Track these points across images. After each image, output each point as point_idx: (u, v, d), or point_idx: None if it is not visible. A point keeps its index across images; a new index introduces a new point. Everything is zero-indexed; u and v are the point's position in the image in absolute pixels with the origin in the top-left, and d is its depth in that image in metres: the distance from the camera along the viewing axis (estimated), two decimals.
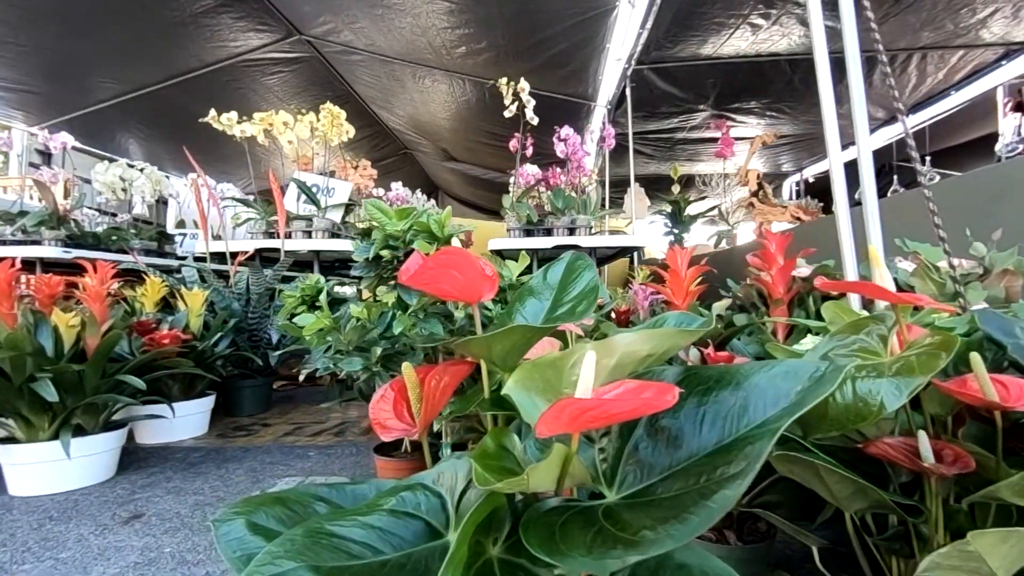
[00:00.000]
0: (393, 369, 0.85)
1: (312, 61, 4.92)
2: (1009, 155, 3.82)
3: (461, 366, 0.56)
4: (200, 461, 1.58)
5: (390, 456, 1.21)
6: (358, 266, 0.81)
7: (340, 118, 2.71)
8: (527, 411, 0.41)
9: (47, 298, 1.57)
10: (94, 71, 4.46)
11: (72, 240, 2.98)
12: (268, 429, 1.95)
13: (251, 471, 1.48)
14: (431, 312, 0.83)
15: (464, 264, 0.45)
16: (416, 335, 0.79)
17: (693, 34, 3.22)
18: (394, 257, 0.77)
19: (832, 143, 1.24)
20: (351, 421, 2.05)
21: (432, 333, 0.80)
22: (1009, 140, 3.88)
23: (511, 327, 0.46)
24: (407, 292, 0.76)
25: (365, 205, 0.77)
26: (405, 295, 0.75)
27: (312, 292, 1.28)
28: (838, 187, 1.21)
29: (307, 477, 1.42)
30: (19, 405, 1.33)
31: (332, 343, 0.82)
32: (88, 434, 1.40)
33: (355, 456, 1.60)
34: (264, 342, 2.18)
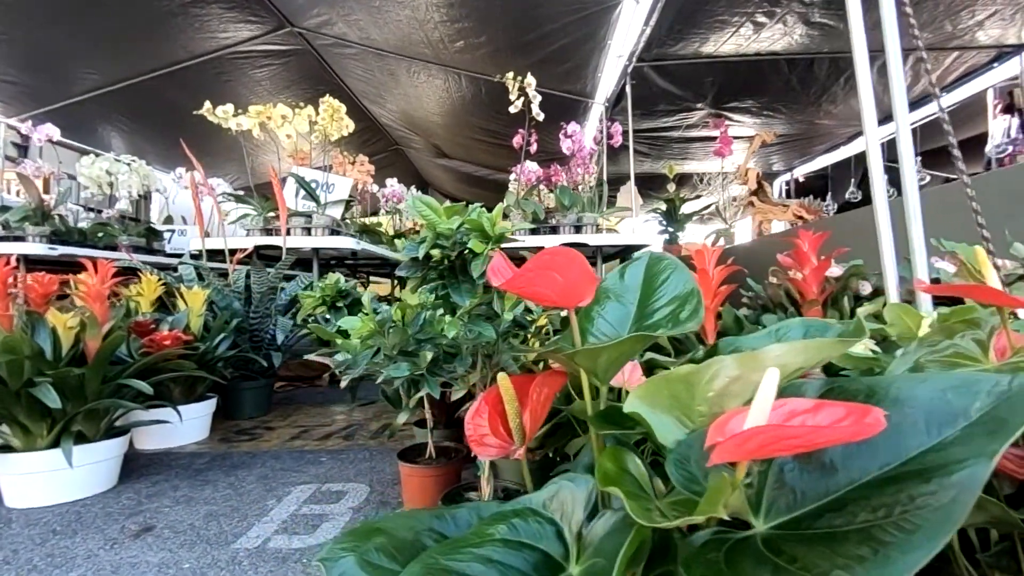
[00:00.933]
0: (439, 374, 0.80)
1: (303, 54, 4.81)
2: (999, 156, 3.89)
3: (557, 377, 0.52)
4: (206, 468, 1.52)
5: (415, 463, 1.16)
6: (403, 266, 0.76)
7: (340, 112, 2.64)
8: (662, 432, 0.37)
9: (40, 298, 1.49)
10: (76, 61, 4.30)
11: (57, 236, 2.86)
12: (273, 433, 1.89)
13: (262, 478, 1.42)
14: (475, 314, 0.79)
15: (567, 265, 0.41)
16: (463, 338, 0.74)
17: (696, 31, 3.20)
18: (444, 256, 0.73)
19: (871, 132, 1.21)
20: (358, 424, 1.99)
21: (479, 334, 0.75)
22: (999, 141, 3.95)
23: (633, 336, 0.42)
24: (461, 293, 0.71)
25: (412, 202, 0.72)
26: (458, 296, 0.71)
27: (332, 292, 1.22)
28: (877, 182, 1.18)
29: (323, 484, 1.37)
30: (16, 412, 1.25)
31: (378, 347, 0.77)
32: (89, 441, 1.33)
33: (369, 461, 1.55)
34: (266, 342, 2.11)
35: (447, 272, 0.74)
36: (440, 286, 0.75)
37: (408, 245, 0.73)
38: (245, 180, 6.68)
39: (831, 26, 3.11)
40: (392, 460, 1.55)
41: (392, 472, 1.45)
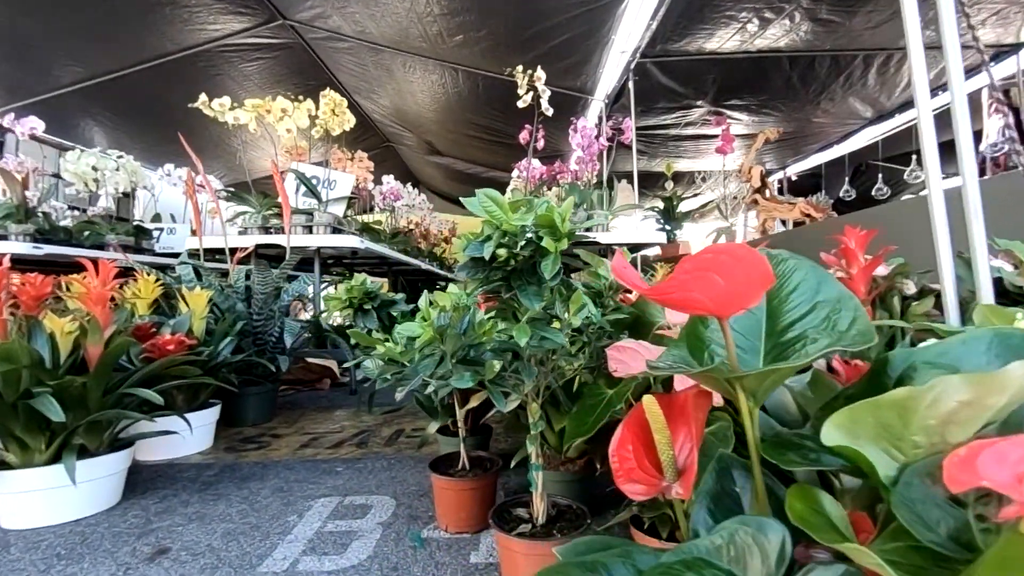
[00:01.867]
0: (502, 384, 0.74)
1: (295, 48, 4.69)
2: (995, 155, 3.92)
3: (704, 399, 0.45)
4: (215, 480, 1.43)
5: (449, 475, 1.09)
6: (463, 267, 0.69)
7: (342, 106, 2.55)
8: (882, 466, 0.32)
9: (33, 300, 1.39)
10: (57, 53, 4.13)
11: (41, 235, 2.73)
12: (280, 440, 1.80)
13: (277, 491, 1.34)
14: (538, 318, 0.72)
15: (732, 266, 0.35)
16: (532, 346, 0.68)
17: (702, 27, 3.17)
18: (511, 256, 0.66)
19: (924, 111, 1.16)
20: (369, 430, 1.92)
21: (545, 339, 0.69)
22: (995, 140, 3.99)
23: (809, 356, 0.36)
24: (529, 296, 0.65)
25: (478, 195, 0.66)
26: (527, 299, 0.64)
27: (359, 294, 1.15)
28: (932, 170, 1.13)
29: (344, 497, 1.29)
30: (12, 425, 1.15)
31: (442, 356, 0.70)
32: (92, 455, 1.24)
33: (388, 470, 1.48)
34: (270, 345, 2.01)
35: (514, 274, 0.68)
36: (504, 288, 0.68)
37: (471, 244, 0.66)
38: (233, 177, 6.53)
39: (836, 22, 3.09)
40: (414, 469, 1.48)
41: (416, 482, 1.37)
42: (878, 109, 4.64)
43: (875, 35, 3.30)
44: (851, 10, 2.93)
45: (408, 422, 2.02)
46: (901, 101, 4.42)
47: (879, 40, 3.39)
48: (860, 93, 4.24)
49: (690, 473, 0.39)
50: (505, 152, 6.63)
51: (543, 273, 0.63)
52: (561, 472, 1.11)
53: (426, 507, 1.22)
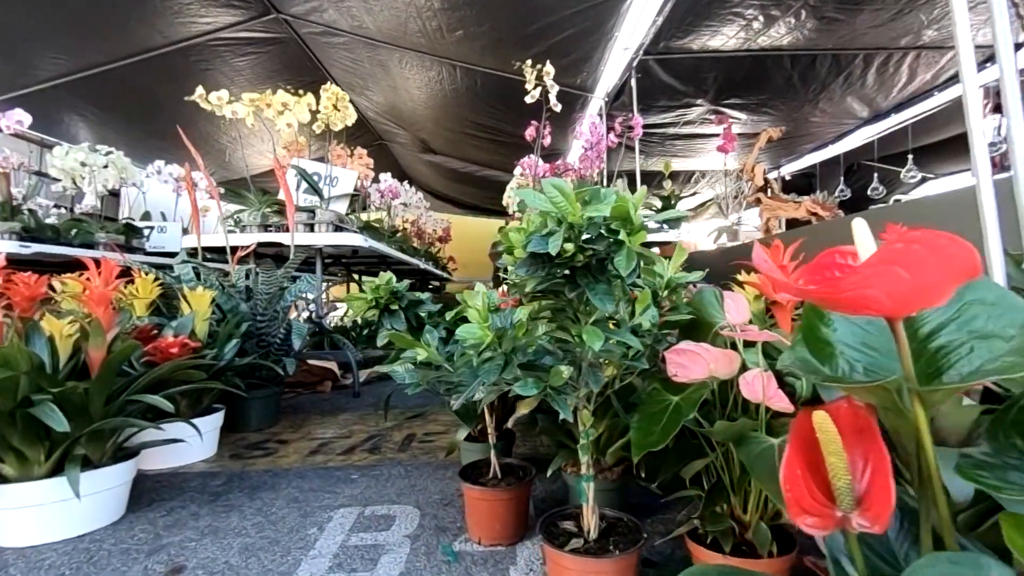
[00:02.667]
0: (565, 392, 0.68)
1: (288, 42, 4.59)
2: (995, 152, 3.96)
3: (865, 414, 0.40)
4: (224, 490, 1.36)
5: (481, 484, 1.04)
6: (521, 264, 0.64)
7: (344, 100, 2.47)
8: None
9: (27, 301, 1.31)
10: (41, 45, 3.99)
11: (27, 233, 2.62)
12: (288, 447, 1.73)
13: (292, 501, 1.27)
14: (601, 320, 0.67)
15: (926, 257, 0.30)
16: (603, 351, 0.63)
17: (707, 24, 3.14)
18: (578, 250, 0.61)
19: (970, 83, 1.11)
20: (380, 434, 1.85)
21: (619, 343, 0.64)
22: (992, 139, 4.02)
23: None
24: (599, 296, 0.59)
25: (544, 186, 0.60)
26: (598, 300, 0.59)
27: (385, 294, 1.09)
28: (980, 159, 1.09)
29: (364, 507, 1.23)
30: (10, 435, 1.07)
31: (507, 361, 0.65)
32: (95, 466, 1.16)
33: (406, 478, 1.41)
34: (274, 347, 1.94)
35: (579, 271, 0.62)
36: (569, 287, 0.63)
37: (534, 239, 0.60)
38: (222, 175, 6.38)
39: (841, 20, 3.08)
40: (433, 476, 1.42)
41: (438, 490, 1.31)
42: (874, 109, 4.67)
43: (878, 34, 3.30)
44: (857, 8, 2.92)
45: (419, 426, 1.96)
46: (898, 101, 4.44)
47: (881, 39, 3.40)
48: (858, 93, 4.25)
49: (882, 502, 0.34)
50: (501, 150, 6.58)
51: (619, 269, 0.58)
52: (598, 480, 1.05)
53: (452, 517, 1.16)
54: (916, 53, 3.70)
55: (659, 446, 0.64)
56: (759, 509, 0.77)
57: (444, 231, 6.99)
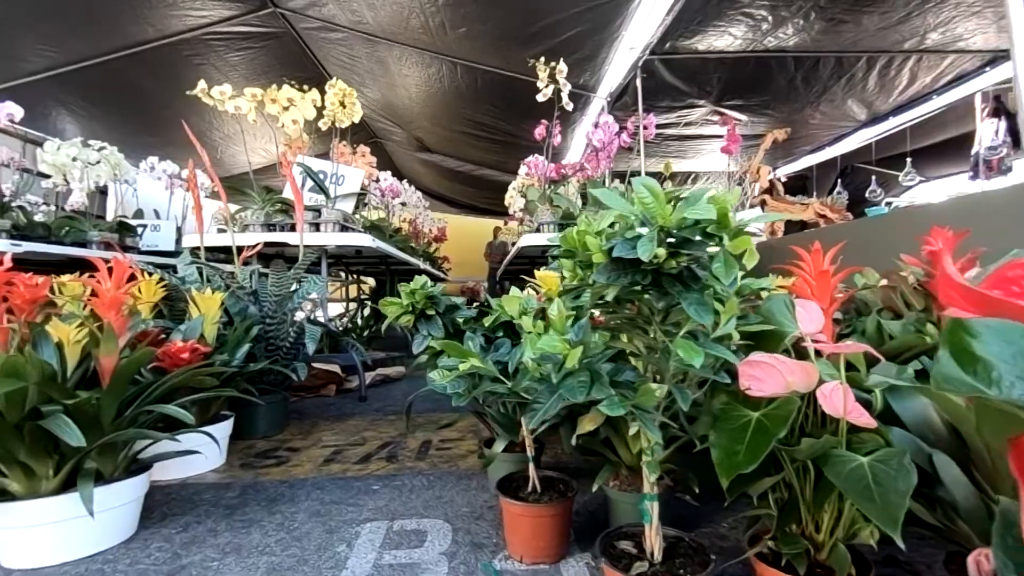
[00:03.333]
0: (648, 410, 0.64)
1: (284, 37, 4.50)
2: (994, 155, 3.99)
3: None
4: (239, 503, 1.29)
5: (522, 499, 0.99)
6: (601, 270, 0.59)
7: (352, 96, 2.41)
8: None
9: (27, 305, 1.23)
10: (26, 36, 3.85)
11: (18, 231, 2.52)
12: (300, 455, 1.66)
13: (314, 515, 1.21)
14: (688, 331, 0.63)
15: None
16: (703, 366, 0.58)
17: (716, 24, 3.12)
18: (669, 255, 0.56)
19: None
20: (394, 441, 1.79)
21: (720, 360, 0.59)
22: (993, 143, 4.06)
23: None
24: (694, 305, 0.55)
25: (636, 184, 0.56)
26: (694, 310, 0.54)
27: (421, 299, 1.03)
28: None
29: (392, 521, 1.17)
30: (16, 449, 1.00)
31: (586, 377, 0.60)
32: (107, 481, 1.09)
33: (431, 489, 1.36)
34: (283, 351, 1.87)
35: (666, 278, 0.58)
36: (656, 296, 0.58)
37: (619, 244, 0.56)
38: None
39: (848, 22, 3.08)
40: (457, 487, 1.37)
41: (465, 502, 1.26)
42: (872, 112, 4.69)
43: (883, 36, 3.31)
44: (867, 10, 2.92)
45: (432, 433, 1.91)
46: (897, 104, 4.46)
47: (885, 42, 3.40)
48: (859, 95, 4.26)
49: None
50: (499, 150, 6.53)
51: (718, 277, 0.53)
52: (635, 494, 1.01)
53: (486, 532, 1.11)
54: (918, 56, 3.71)
55: (749, 467, 0.60)
56: (835, 529, 0.73)
57: (440, 231, 6.92)
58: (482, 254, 9.55)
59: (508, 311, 1.01)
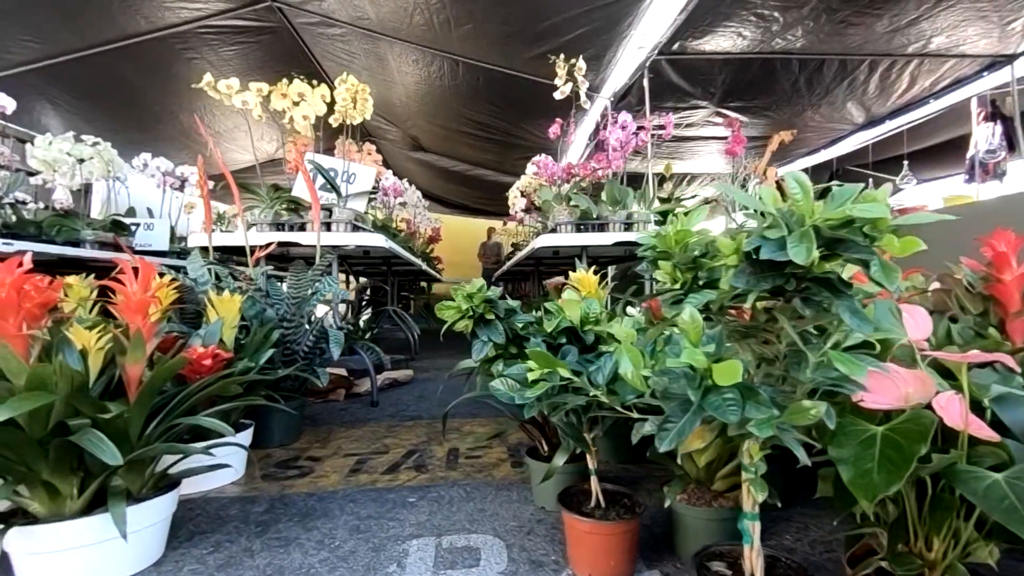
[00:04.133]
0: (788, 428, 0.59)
1: (280, 32, 4.40)
2: (992, 159, 4.05)
3: None
4: (270, 519, 1.22)
5: (587, 515, 0.94)
6: (739, 273, 0.54)
7: (365, 92, 2.33)
8: None
9: (38, 308, 1.14)
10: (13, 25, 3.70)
11: (8, 230, 2.39)
12: (322, 464, 1.59)
13: (354, 531, 1.15)
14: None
15: None
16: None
17: (727, 24, 3.11)
18: (824, 258, 0.52)
19: None
20: (418, 449, 1.72)
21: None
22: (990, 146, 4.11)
23: None
24: (851, 314, 0.50)
25: (789, 179, 0.51)
26: (854, 319, 0.50)
27: (480, 303, 0.97)
28: None
29: (439, 537, 1.11)
30: (39, 467, 0.92)
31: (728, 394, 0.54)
32: (135, 500, 1.01)
33: (470, 500, 1.30)
34: (300, 355, 1.79)
35: (814, 283, 0.53)
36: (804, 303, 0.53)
37: (766, 245, 0.51)
38: None
39: (857, 24, 3.08)
40: (497, 498, 1.31)
41: (511, 515, 1.20)
42: (870, 115, 4.74)
43: (890, 39, 3.33)
44: (877, 12, 2.93)
45: (456, 439, 1.84)
46: (895, 107, 4.51)
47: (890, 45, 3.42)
48: (859, 98, 4.30)
49: None
50: (495, 149, 6.47)
51: (882, 282, 0.49)
52: (713, 509, 0.96)
53: (543, 548, 1.05)
54: (920, 60, 3.75)
55: (890, 489, 0.55)
56: (950, 547, 0.69)
57: (435, 231, 6.85)
58: (475, 255, 9.49)
59: (569, 315, 0.96)
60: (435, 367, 3.51)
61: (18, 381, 0.91)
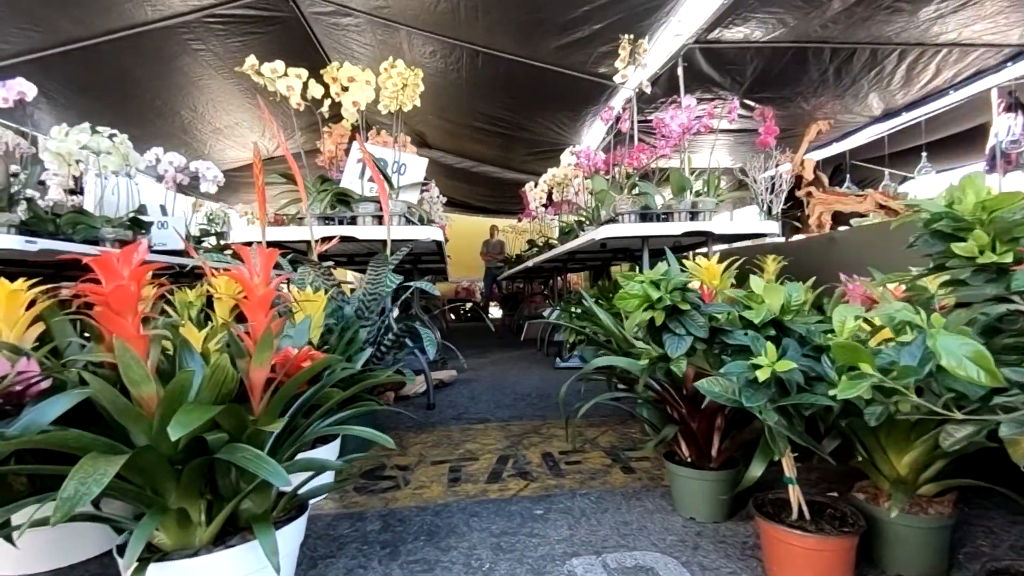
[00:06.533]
0: None
1: (290, 23, 4.23)
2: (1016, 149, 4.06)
3: None
4: (393, 538, 1.08)
5: (805, 529, 0.83)
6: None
7: (417, 78, 2.19)
8: None
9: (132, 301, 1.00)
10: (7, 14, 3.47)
11: (26, 227, 2.21)
12: (411, 474, 1.46)
13: (496, 549, 1.02)
14: None
15: None
16: None
17: (772, 10, 3.03)
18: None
19: None
20: (509, 454, 1.60)
21: None
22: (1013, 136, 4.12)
23: None
24: None
25: None
26: None
27: (670, 292, 0.86)
28: None
29: (599, 555, 0.99)
30: (167, 491, 0.78)
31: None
32: None
33: (605, 512, 1.18)
34: (375, 356, 1.65)
35: None
36: None
37: None
38: None
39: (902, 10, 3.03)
40: (630, 508, 1.20)
41: (663, 528, 1.09)
42: (889, 106, 4.73)
43: (928, 28, 3.29)
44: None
45: (541, 442, 1.72)
46: (917, 97, 4.50)
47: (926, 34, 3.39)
48: (884, 89, 4.28)
49: None
50: (504, 144, 6.34)
51: None
52: (930, 517, 0.86)
53: (725, 565, 0.94)
54: (948, 50, 3.73)
55: None
56: None
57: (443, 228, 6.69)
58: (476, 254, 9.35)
59: (771, 303, 0.85)
60: (470, 366, 3.38)
61: (139, 391, 0.77)
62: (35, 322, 1.08)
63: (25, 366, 0.93)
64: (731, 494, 1.09)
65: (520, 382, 2.81)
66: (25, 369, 0.92)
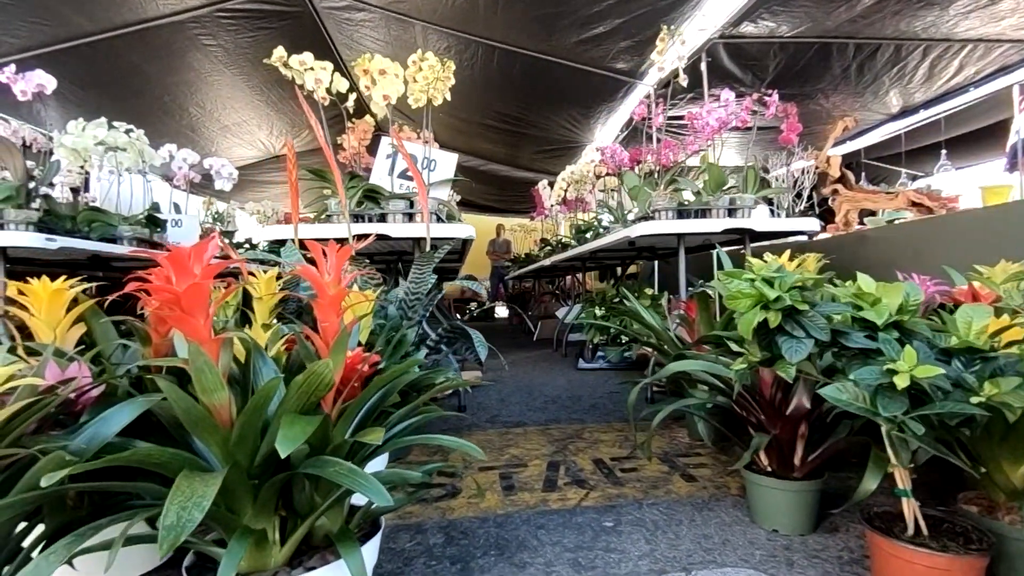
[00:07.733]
0: None
1: (302, 17, 4.16)
2: None
3: None
4: (460, 553, 1.02)
5: (930, 547, 0.77)
6: None
7: (449, 70, 2.13)
8: None
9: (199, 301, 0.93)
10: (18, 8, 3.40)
11: (45, 224, 2.14)
12: (461, 481, 1.39)
13: (577, 566, 0.95)
14: None
15: None
16: None
17: (801, 3, 2.97)
18: None
19: None
20: (557, 460, 1.53)
21: None
22: None
23: None
24: None
25: None
26: None
27: (784, 290, 0.79)
28: None
29: (689, 572, 0.92)
30: (243, 509, 0.71)
31: None
32: None
33: (679, 524, 1.12)
34: None
35: None
36: None
37: None
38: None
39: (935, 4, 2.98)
40: (704, 519, 1.13)
41: (747, 542, 1.03)
42: (908, 103, 4.67)
43: (957, 23, 3.23)
44: None
45: (588, 447, 1.65)
46: (938, 94, 4.44)
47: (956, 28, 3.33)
48: (905, 86, 4.22)
49: None
50: (514, 142, 6.28)
51: None
52: None
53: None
54: (973, 46, 3.67)
55: None
56: None
57: None
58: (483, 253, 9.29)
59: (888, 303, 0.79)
60: (489, 367, 3.31)
61: (211, 399, 0.70)
62: (75, 323, 1.01)
63: (75, 371, 0.86)
64: (817, 505, 1.03)
65: (547, 384, 2.74)
66: (76, 375, 0.85)
